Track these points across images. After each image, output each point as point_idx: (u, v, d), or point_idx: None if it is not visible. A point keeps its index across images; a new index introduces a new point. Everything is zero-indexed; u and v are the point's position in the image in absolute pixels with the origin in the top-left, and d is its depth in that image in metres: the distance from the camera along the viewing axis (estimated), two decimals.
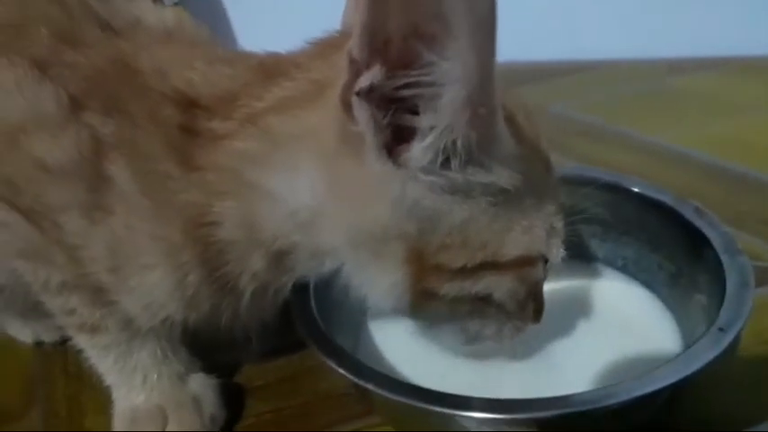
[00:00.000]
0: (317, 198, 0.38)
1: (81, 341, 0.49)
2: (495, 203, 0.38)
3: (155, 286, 0.42)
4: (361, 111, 0.32)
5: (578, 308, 0.57)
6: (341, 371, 0.41)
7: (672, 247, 0.55)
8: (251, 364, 0.57)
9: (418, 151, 0.34)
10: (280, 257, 0.42)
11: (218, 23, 1.47)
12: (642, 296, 0.57)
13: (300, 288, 0.47)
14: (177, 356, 0.50)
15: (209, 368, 0.54)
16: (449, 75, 0.31)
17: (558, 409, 0.37)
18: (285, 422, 0.52)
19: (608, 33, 1.25)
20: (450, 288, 0.39)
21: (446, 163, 0.35)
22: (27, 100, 0.41)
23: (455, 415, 0.38)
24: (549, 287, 0.58)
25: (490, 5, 0.29)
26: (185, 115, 0.41)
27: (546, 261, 0.42)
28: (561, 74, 1.22)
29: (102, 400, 0.52)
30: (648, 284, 0.58)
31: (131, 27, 0.48)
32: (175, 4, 0.80)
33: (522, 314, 0.44)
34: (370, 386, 0.40)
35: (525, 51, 1.22)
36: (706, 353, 0.40)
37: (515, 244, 0.39)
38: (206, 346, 0.53)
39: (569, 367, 0.50)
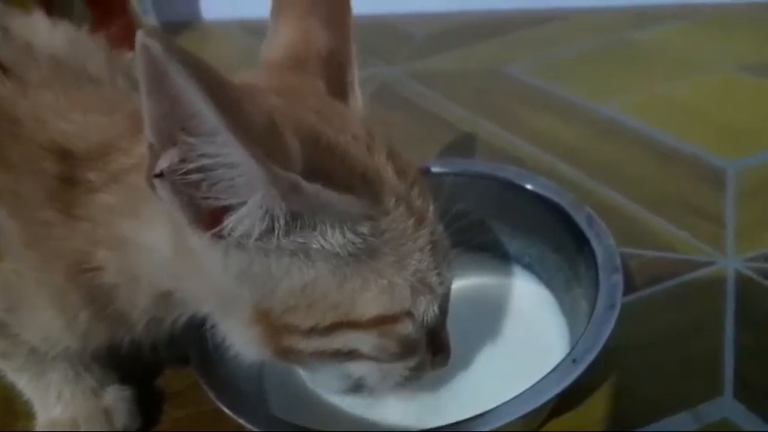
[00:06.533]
0: (174, 254, 0.39)
1: None
2: (345, 264, 0.37)
3: (47, 324, 0.45)
4: (164, 191, 0.33)
5: (484, 308, 0.59)
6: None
7: (568, 252, 0.56)
8: (170, 368, 0.61)
9: (233, 223, 0.34)
10: (164, 299, 0.43)
11: None
12: (542, 297, 0.59)
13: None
14: (90, 373, 0.54)
15: (128, 375, 0.57)
16: (227, 162, 0.31)
17: None
18: (199, 426, 0.56)
19: None
20: (306, 345, 0.40)
21: (272, 230, 0.35)
22: None
23: None
24: (457, 284, 0.61)
25: (211, 113, 0.29)
26: (64, 165, 0.42)
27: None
28: (519, 27, 1.19)
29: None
30: (550, 284, 0.60)
31: (21, 59, 0.48)
32: None
33: (410, 362, 0.44)
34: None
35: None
36: (553, 387, 0.42)
37: (372, 303, 0.39)
38: (122, 356, 0.56)
39: (466, 378, 0.53)
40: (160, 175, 0.32)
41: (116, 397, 0.55)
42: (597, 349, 0.43)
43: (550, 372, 0.43)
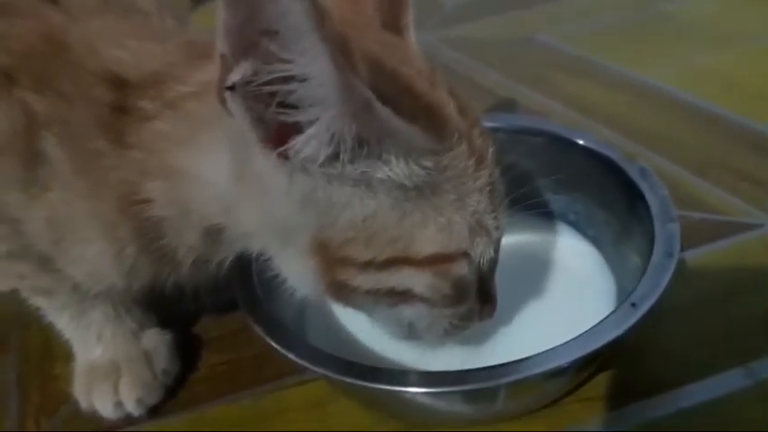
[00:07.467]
0: (232, 184, 0.38)
1: (37, 302, 0.52)
2: (405, 199, 0.37)
3: (94, 258, 0.44)
4: (235, 105, 0.32)
5: (528, 265, 0.58)
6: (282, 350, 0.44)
7: (617, 206, 0.55)
8: (208, 315, 0.60)
9: (301, 143, 0.33)
10: (212, 235, 0.43)
11: None
12: (589, 254, 0.58)
13: (244, 259, 0.47)
14: (130, 315, 0.53)
15: (167, 319, 0.57)
16: (305, 72, 0.30)
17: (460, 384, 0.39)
18: (237, 373, 0.55)
19: None
20: (362, 281, 0.39)
21: (337, 155, 0.34)
22: None
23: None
24: (502, 241, 0.60)
25: (301, 11, 0.28)
26: (116, 94, 0.41)
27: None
28: None
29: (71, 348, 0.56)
30: (596, 240, 0.58)
31: None
32: None
33: (460, 309, 0.44)
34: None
35: None
36: (612, 330, 0.41)
37: (430, 241, 0.38)
38: (162, 300, 0.55)
39: (509, 333, 0.52)
40: (232, 88, 0.31)
41: (156, 340, 0.54)
42: (657, 295, 0.42)
43: (608, 316, 0.42)
